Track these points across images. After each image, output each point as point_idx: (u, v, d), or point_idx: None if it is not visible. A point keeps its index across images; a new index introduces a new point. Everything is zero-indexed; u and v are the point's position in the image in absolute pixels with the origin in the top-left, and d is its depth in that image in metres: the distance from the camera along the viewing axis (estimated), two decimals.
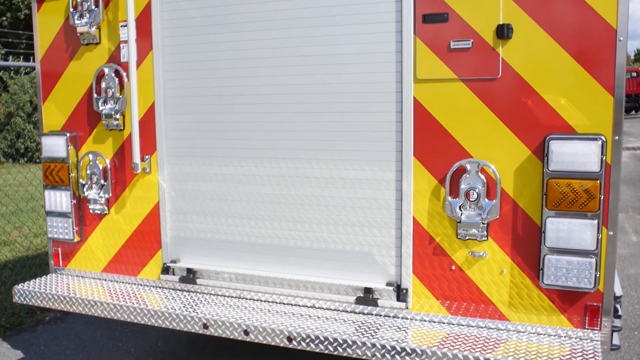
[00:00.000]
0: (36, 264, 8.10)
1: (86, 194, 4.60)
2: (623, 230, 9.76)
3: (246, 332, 3.74)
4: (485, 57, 3.48)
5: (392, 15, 3.65)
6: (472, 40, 3.50)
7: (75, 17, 4.45)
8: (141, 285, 4.55)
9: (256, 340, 3.72)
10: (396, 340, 3.43)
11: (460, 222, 3.60)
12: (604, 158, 3.30)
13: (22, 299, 4.48)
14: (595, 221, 3.34)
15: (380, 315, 3.84)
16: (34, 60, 5.13)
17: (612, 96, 3.31)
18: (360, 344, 3.47)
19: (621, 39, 3.29)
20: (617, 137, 3.32)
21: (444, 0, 3.53)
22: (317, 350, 3.59)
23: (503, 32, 3.42)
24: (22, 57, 16.28)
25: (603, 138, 3.30)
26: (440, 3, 3.54)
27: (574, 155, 3.34)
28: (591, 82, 3.33)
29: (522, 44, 3.42)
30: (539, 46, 3.39)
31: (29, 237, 9.79)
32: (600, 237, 3.36)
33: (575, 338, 3.46)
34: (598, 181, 3.31)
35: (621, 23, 3.28)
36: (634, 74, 33.18)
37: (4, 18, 20.33)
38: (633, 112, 33.08)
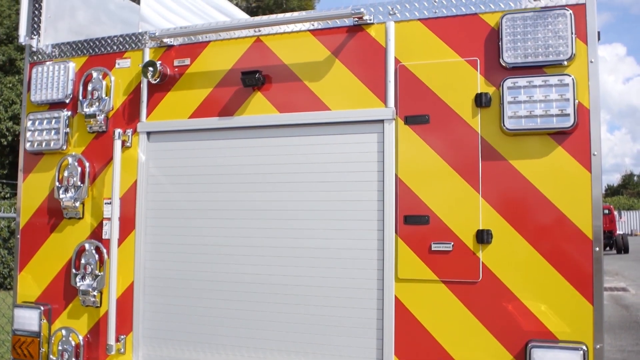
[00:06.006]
0: None
1: None
2: None
3: None
4: (466, 261, 3.53)
5: (375, 213, 3.73)
6: (452, 243, 3.56)
7: (60, 191, 4.49)
8: None
9: None
10: None
11: None
12: None
13: None
14: None
15: None
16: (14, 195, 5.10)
17: (591, 305, 3.35)
18: None
19: (597, 249, 3.38)
20: (598, 346, 3.33)
21: (425, 203, 3.63)
22: None
23: (483, 237, 3.50)
24: (3, 183, 16.40)
25: (584, 347, 3.30)
26: (421, 205, 3.63)
27: None
28: (570, 290, 3.38)
29: (501, 249, 3.49)
30: (519, 253, 3.46)
31: None
32: None
33: None
34: None
35: (596, 232, 3.38)
36: (606, 211, 33.96)
37: None
38: (607, 248, 33.53)
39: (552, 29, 3.49)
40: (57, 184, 4.53)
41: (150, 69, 4.23)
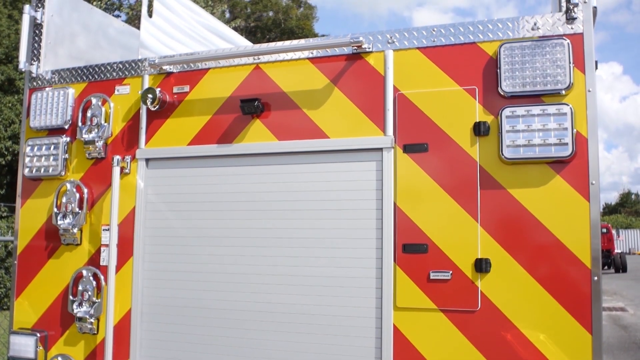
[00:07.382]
0: None
1: None
2: None
3: None
4: (465, 289, 3.52)
5: (373, 242, 3.72)
6: (451, 271, 3.55)
7: (59, 218, 4.48)
8: None
9: None
10: None
11: None
12: None
13: None
14: None
15: None
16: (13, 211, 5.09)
17: (590, 334, 3.34)
18: None
19: (595, 278, 3.37)
20: None
21: (423, 232, 3.62)
22: None
23: (481, 266, 3.49)
24: (1, 203, 16.33)
25: None
26: (420, 234, 3.63)
27: None
28: (569, 319, 3.37)
29: (500, 278, 3.48)
30: (517, 282, 3.45)
31: None
32: None
33: None
34: None
35: (595, 261, 3.38)
36: (604, 230, 33.85)
37: None
38: (605, 267, 33.41)
39: (550, 58, 3.51)
40: (55, 210, 4.52)
41: (150, 95, 4.24)
